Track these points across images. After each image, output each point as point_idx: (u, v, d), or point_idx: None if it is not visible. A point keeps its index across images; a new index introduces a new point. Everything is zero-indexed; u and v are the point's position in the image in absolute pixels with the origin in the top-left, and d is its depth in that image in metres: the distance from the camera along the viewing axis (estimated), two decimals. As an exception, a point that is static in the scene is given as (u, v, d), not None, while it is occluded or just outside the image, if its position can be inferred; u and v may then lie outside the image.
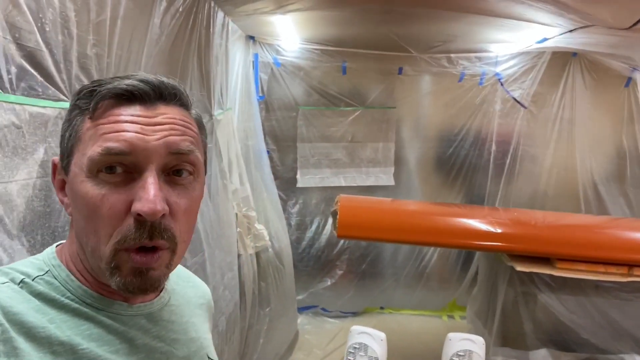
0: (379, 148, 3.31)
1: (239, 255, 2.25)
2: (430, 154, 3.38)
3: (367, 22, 2.64)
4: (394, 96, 3.28)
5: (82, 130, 0.54)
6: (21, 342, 0.46)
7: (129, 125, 0.52)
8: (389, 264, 3.44)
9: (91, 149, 0.52)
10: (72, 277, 0.56)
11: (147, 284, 0.54)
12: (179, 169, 0.55)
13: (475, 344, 1.78)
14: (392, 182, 3.34)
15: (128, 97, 0.53)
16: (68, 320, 0.52)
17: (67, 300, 0.53)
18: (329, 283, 3.35)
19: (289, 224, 3.23)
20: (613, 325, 2.19)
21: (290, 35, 2.94)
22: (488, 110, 3.27)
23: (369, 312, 3.45)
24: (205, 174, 0.63)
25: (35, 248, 0.84)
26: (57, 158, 0.59)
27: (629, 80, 3.04)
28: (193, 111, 0.61)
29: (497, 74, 3.21)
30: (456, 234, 2.38)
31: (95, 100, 0.53)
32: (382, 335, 1.78)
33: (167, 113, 0.55)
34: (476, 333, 2.13)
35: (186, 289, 0.73)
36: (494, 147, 3.31)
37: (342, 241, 3.34)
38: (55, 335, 0.49)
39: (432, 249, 3.40)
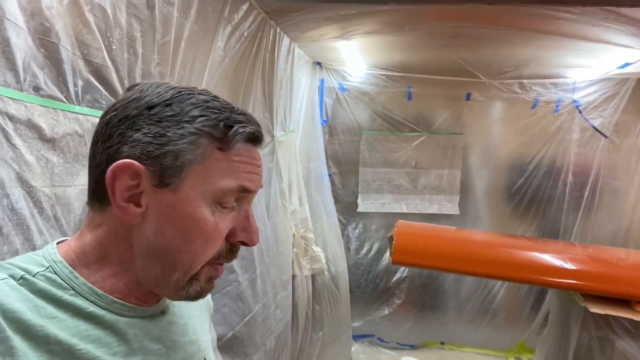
0: (444, 175, 3.21)
1: (293, 276, 2.25)
2: (500, 183, 3.23)
3: (433, 47, 2.61)
4: (461, 122, 3.20)
5: (209, 157, 0.56)
6: (17, 342, 0.46)
7: (255, 168, 0.60)
8: (451, 296, 3.28)
9: (224, 182, 0.57)
10: (76, 274, 0.55)
11: (210, 290, 0.61)
12: None
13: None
14: (456, 211, 3.22)
15: (253, 139, 0.60)
16: (67, 320, 0.52)
17: (69, 298, 0.53)
18: (386, 312, 3.25)
19: (347, 248, 3.20)
20: None
21: (356, 61, 2.98)
22: (564, 139, 3.09)
23: (428, 346, 3.30)
24: None
25: (89, 250, 0.88)
26: (137, 164, 0.54)
27: None
28: None
29: (574, 101, 3.03)
30: (525, 267, 2.23)
31: (236, 140, 0.57)
32: (436, 369, 1.68)
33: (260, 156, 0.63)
34: (544, 378, 1.96)
35: None
36: (570, 178, 3.10)
37: (401, 269, 3.24)
38: (54, 334, 0.49)
39: (499, 283, 3.21)
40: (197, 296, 0.59)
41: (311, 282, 2.42)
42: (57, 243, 0.59)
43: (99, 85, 0.90)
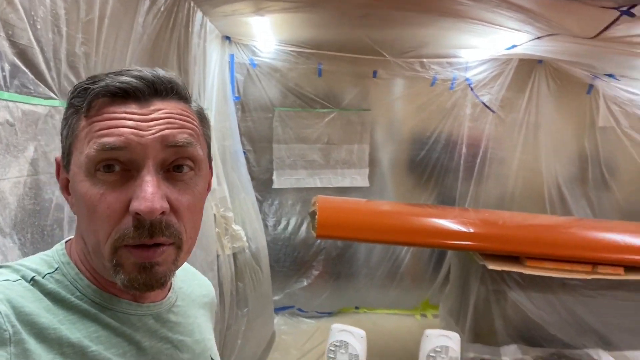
0: (354, 150, 3.36)
1: (217, 256, 2.24)
2: (404, 156, 3.45)
3: (343, 26, 2.68)
4: (368, 99, 3.34)
5: (78, 128, 0.53)
6: (32, 344, 0.46)
7: (124, 122, 0.51)
8: (363, 264, 3.48)
9: (87, 147, 0.51)
10: (81, 276, 0.55)
11: (153, 279, 0.53)
12: (179, 164, 0.54)
13: (452, 339, 1.84)
14: (366, 184, 3.39)
15: (122, 94, 0.52)
16: (77, 322, 0.51)
17: (76, 300, 0.53)
18: (305, 283, 3.37)
19: (265, 225, 3.23)
20: (578, 322, 2.29)
21: (267, 37, 2.96)
22: (459, 114, 3.37)
23: (344, 312, 3.49)
24: (210, 168, 0.63)
25: (25, 246, 0.83)
26: (59, 157, 0.58)
27: (591, 88, 3.19)
28: (194, 103, 0.59)
29: (467, 79, 3.31)
30: (429, 233, 2.44)
31: (88, 99, 0.52)
32: (362, 332, 1.82)
33: (163, 108, 0.54)
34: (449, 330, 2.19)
35: (192, 288, 0.73)
36: (464, 150, 3.41)
37: (317, 242, 3.36)
38: (66, 336, 0.49)
39: (405, 248, 3.47)
40: (135, 287, 0.53)
41: (233, 260, 2.42)
42: (65, 242, 0.57)
43: (25, 69, 0.82)
